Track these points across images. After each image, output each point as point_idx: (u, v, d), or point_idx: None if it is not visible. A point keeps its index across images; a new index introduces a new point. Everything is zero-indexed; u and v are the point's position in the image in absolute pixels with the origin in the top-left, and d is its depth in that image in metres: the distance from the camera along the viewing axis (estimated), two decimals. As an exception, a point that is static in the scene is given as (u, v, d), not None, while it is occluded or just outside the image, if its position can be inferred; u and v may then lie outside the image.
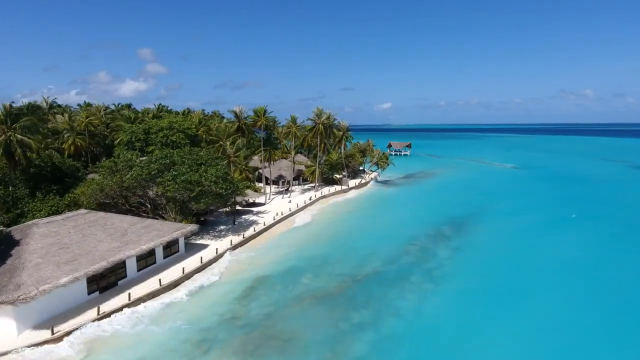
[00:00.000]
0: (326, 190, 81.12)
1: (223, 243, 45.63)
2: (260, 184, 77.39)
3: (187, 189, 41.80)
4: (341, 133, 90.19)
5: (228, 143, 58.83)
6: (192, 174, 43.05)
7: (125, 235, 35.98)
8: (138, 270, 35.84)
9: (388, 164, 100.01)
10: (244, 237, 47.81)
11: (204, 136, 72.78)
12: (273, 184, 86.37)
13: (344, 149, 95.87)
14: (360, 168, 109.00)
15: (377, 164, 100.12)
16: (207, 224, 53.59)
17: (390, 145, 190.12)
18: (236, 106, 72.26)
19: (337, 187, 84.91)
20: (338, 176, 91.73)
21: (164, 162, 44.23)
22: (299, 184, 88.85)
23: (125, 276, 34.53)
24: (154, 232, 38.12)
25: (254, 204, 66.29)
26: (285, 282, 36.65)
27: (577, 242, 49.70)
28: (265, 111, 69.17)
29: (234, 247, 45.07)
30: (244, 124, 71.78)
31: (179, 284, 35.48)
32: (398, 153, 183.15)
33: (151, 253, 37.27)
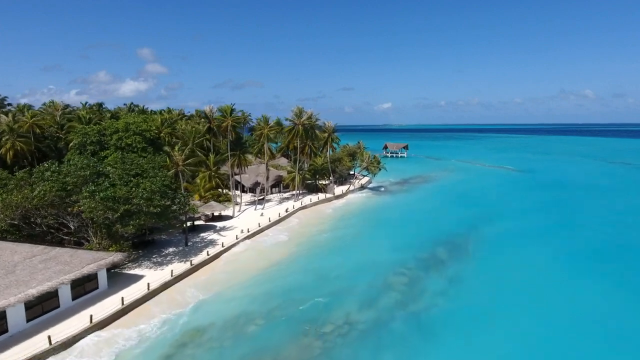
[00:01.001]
0: (308, 199, 72.20)
1: (163, 273, 36.76)
2: (236, 192, 68.60)
3: (109, 208, 32.78)
4: (326, 135, 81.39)
5: (176, 149, 49.77)
6: (119, 188, 34.03)
7: (10, 274, 27.18)
8: (29, 320, 27.06)
9: (380, 169, 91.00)
10: (191, 265, 38.94)
11: (167, 139, 64.01)
12: (250, 192, 77.63)
13: (333, 151, 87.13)
14: (351, 172, 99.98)
15: (367, 168, 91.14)
16: (153, 245, 44.76)
17: (386, 147, 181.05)
18: (207, 105, 64.81)
19: (322, 196, 75.97)
20: (324, 182, 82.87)
21: (82, 173, 35.08)
22: (279, 192, 79.95)
23: (6, 330, 25.75)
24: (58, 267, 29.31)
25: (220, 218, 57.41)
26: (226, 335, 27.91)
27: (587, 265, 41.25)
28: (232, 110, 60.43)
29: (176, 279, 36.22)
30: (216, 125, 63.59)
31: (81, 339, 26.64)
32: (394, 155, 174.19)
33: (52, 295, 28.49)
